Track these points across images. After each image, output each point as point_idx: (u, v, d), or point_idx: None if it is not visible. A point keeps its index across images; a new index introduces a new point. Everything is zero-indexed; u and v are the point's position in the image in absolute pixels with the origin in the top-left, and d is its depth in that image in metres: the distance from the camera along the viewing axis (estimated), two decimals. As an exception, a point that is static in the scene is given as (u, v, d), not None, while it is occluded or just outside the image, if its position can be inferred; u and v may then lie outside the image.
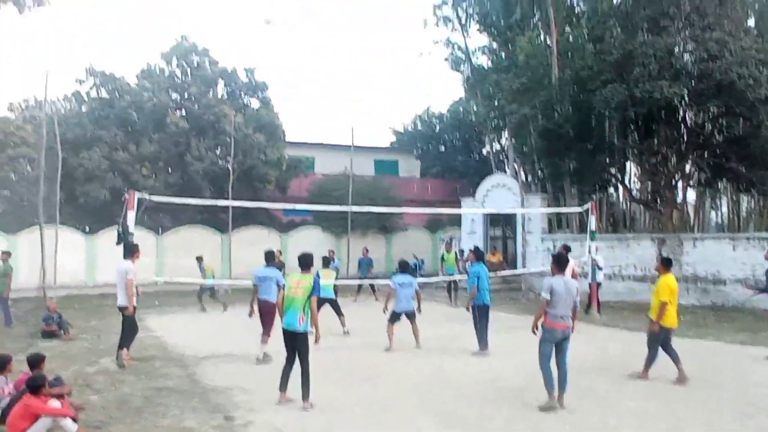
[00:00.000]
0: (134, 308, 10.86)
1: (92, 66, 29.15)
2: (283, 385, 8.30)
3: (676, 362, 9.54)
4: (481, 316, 12.03)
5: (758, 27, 21.31)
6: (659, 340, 9.67)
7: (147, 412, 7.92)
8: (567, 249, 15.34)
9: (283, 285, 9.93)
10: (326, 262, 15.22)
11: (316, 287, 8.19)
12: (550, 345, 8.20)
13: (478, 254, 12.79)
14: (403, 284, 12.72)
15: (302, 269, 8.49)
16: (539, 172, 28.33)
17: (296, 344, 8.17)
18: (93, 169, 26.38)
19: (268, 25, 21.47)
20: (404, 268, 13.20)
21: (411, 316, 12.83)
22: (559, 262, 8.57)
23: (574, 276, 14.05)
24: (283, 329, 8.24)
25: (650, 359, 9.74)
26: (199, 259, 19.58)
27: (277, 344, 9.03)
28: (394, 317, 12.75)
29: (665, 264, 10.15)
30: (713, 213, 31.33)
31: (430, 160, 40.63)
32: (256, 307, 11.48)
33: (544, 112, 24.44)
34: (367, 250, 23.51)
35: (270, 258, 11.93)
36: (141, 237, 22.38)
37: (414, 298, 12.85)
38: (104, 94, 29.45)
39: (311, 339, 8.34)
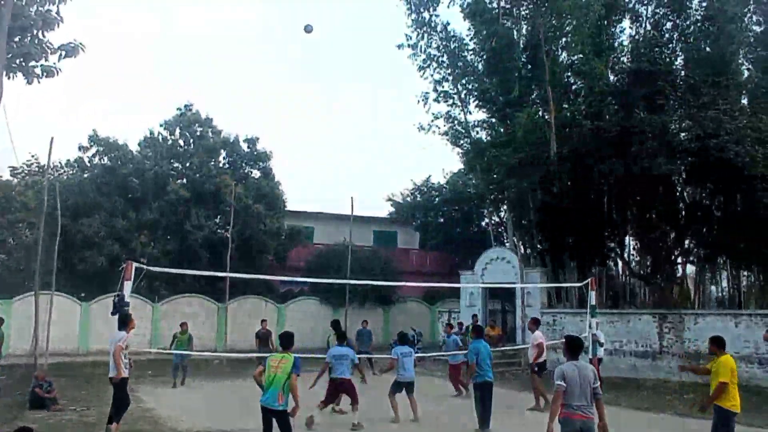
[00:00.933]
0: (125, 379, 10.55)
1: (96, 133, 29.51)
2: None
3: None
4: (483, 393, 11.73)
5: (752, 106, 21.70)
6: (728, 426, 8.92)
7: (135, 491, 7.64)
8: (537, 322, 15.22)
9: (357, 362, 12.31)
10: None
11: (296, 366, 8.56)
12: None
13: (477, 331, 12.65)
14: (404, 354, 12.90)
15: (283, 348, 8.87)
16: (538, 245, 28.32)
17: (277, 423, 8.48)
18: (92, 236, 26.36)
19: (308, 33, 21.35)
20: (403, 339, 13.59)
21: (410, 388, 12.80)
22: (572, 346, 7.71)
23: (541, 350, 14.28)
24: (262, 407, 8.52)
25: None
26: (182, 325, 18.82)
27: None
28: (397, 387, 12.78)
29: (717, 343, 9.25)
30: (713, 287, 31.17)
31: (429, 231, 40.63)
32: (318, 381, 12.09)
33: (542, 186, 24.68)
34: (366, 322, 23.22)
35: (343, 337, 13.06)
36: (137, 306, 22.25)
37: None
38: (106, 161, 29.66)
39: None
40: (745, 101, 22.81)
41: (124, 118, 68.59)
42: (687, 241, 23.38)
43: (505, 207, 32.45)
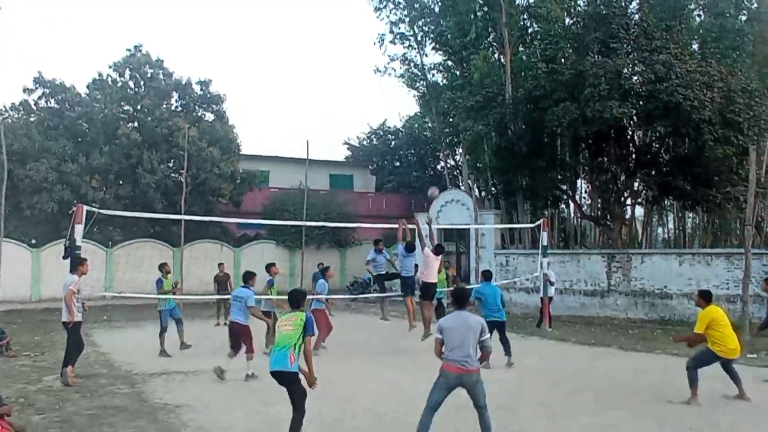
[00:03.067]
0: (78, 323, 10.50)
1: (41, 75, 28.49)
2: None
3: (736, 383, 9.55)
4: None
5: (702, 51, 22.04)
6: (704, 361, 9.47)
7: (91, 431, 7.71)
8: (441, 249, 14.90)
9: (251, 305, 10.93)
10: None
11: (309, 326, 7.11)
12: (441, 391, 7.00)
13: (485, 275, 13.24)
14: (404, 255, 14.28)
15: (293, 308, 7.41)
16: (493, 188, 28.73)
17: (288, 390, 7.08)
18: (40, 181, 25.73)
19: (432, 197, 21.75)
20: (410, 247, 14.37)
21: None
22: (456, 297, 7.45)
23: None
24: (272, 373, 7.14)
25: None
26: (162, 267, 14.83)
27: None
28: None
29: (704, 297, 9.62)
30: (660, 229, 32.20)
31: (385, 175, 40.79)
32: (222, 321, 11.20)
33: (497, 129, 24.88)
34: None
35: (247, 277, 11.62)
36: (90, 251, 21.93)
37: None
38: (53, 104, 28.75)
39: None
40: (695, 46, 23.15)
41: (70, 60, 66.24)
42: (636, 184, 23.96)
43: (460, 150, 32.71)
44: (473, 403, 6.99)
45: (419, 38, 30.90)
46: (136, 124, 29.14)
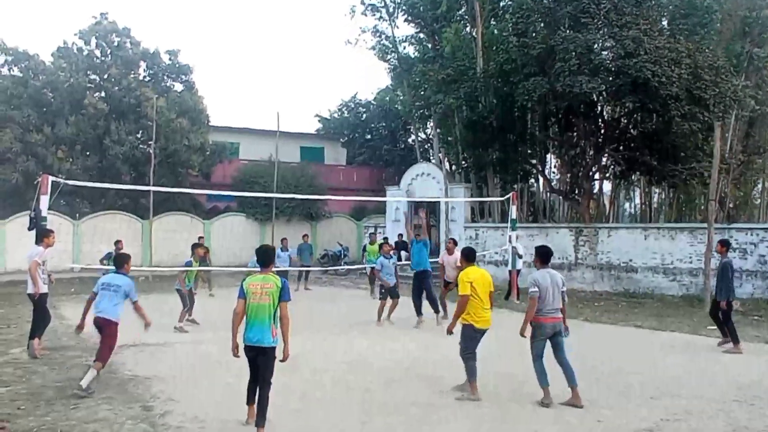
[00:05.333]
0: (43, 294, 10.39)
1: (3, 42, 27.74)
2: (251, 398, 6.95)
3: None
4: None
5: (671, 28, 22.21)
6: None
7: (59, 403, 7.69)
8: (454, 242, 15.46)
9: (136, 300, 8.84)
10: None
11: (285, 290, 6.72)
12: (541, 342, 7.93)
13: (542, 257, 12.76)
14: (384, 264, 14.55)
15: (262, 267, 6.90)
16: (463, 162, 28.83)
17: (262, 362, 6.70)
18: (4, 152, 25.24)
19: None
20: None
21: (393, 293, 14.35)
22: (542, 254, 8.22)
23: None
24: (248, 346, 6.71)
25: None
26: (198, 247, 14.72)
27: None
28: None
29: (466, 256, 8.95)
30: (627, 204, 32.69)
31: (356, 148, 40.69)
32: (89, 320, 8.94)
33: (468, 103, 24.93)
34: (307, 236, 23.24)
35: (122, 261, 9.16)
36: (56, 223, 21.69)
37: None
38: (17, 72, 28.04)
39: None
40: (665, 22, 23.31)
41: (34, 28, 64.53)
42: (604, 159, 24.24)
43: (431, 123, 32.74)
44: (555, 351, 7.93)
45: (391, 10, 30.69)
46: (102, 93, 28.60)
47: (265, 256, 6.92)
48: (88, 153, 27.74)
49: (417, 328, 13.57)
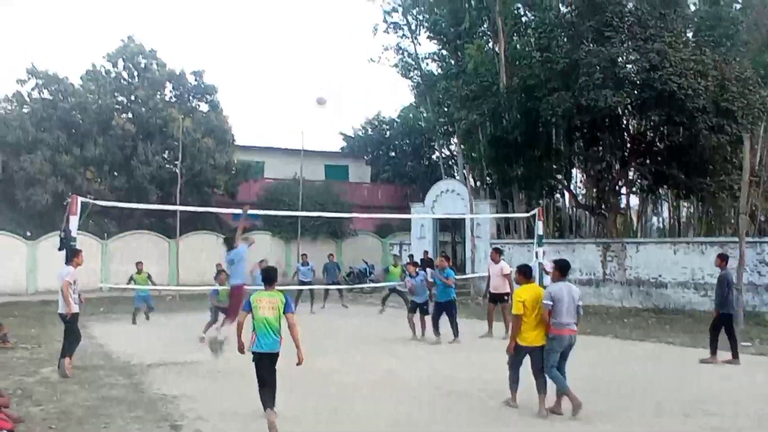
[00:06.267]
0: (74, 314, 10.51)
1: (34, 66, 28.34)
2: (267, 402, 7.40)
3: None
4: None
5: (696, 39, 22.03)
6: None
7: (90, 423, 7.72)
8: (499, 252, 15.40)
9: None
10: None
11: (288, 305, 7.61)
12: (557, 353, 7.99)
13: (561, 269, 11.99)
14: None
15: (267, 284, 7.77)
16: (488, 177, 28.74)
17: (269, 364, 7.46)
18: (35, 173, 25.65)
19: (321, 105, 21.04)
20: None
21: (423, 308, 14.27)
22: (561, 267, 8.34)
23: (509, 282, 14.21)
24: (260, 354, 7.42)
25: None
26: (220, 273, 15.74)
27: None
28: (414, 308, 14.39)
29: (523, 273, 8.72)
30: (655, 218, 32.29)
31: (380, 165, 40.74)
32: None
33: (492, 119, 24.90)
34: (333, 256, 23.28)
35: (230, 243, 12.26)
36: (85, 243, 21.94)
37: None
38: (47, 95, 28.60)
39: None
40: (690, 34, 23.14)
41: (64, 51, 65.87)
42: (631, 173, 24.00)
43: (455, 140, 32.71)
44: (561, 362, 8.02)
45: (413, 27, 30.85)
46: (130, 114, 29.08)
47: (269, 276, 7.89)
48: (115, 173, 28.14)
49: (452, 343, 13.48)
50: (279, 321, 7.50)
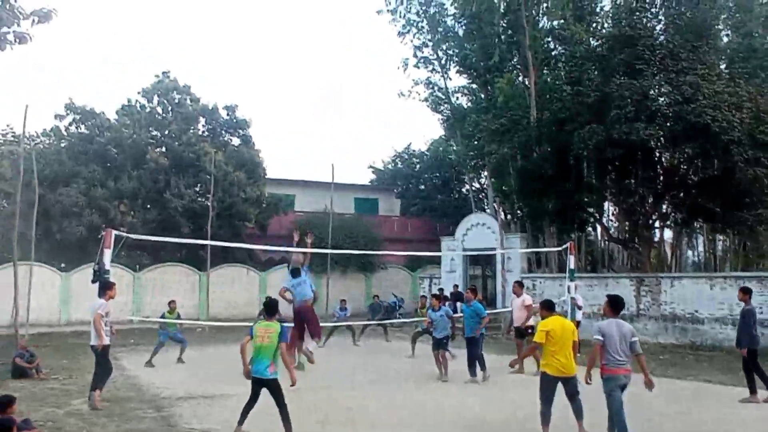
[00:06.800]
0: (106, 346, 10.56)
1: (72, 101, 29.10)
2: (242, 420, 8.39)
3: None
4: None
5: (730, 71, 21.81)
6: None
7: (119, 456, 7.71)
8: (521, 285, 15.28)
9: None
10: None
11: (283, 334, 8.35)
12: (617, 392, 7.70)
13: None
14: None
15: (268, 316, 8.53)
16: (518, 211, 28.53)
17: (269, 391, 8.22)
18: (70, 206, 26.14)
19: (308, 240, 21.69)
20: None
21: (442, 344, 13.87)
22: (613, 304, 8.04)
23: (530, 312, 14.31)
24: (253, 378, 8.29)
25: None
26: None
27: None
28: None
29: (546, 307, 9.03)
30: (690, 252, 31.70)
31: (410, 198, 40.79)
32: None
33: (522, 152, 24.80)
34: (378, 297, 23.58)
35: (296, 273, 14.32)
36: (118, 275, 22.16)
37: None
38: (84, 129, 29.34)
39: (285, 383, 8.23)
40: (723, 66, 22.93)
41: (100, 87, 67.54)
42: (664, 206, 23.65)
43: (485, 173, 32.62)
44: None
45: (443, 62, 31.04)
46: (163, 149, 29.63)
47: (269, 308, 8.63)
48: (149, 206, 28.57)
49: (484, 381, 13.16)
50: (272, 349, 8.11)
